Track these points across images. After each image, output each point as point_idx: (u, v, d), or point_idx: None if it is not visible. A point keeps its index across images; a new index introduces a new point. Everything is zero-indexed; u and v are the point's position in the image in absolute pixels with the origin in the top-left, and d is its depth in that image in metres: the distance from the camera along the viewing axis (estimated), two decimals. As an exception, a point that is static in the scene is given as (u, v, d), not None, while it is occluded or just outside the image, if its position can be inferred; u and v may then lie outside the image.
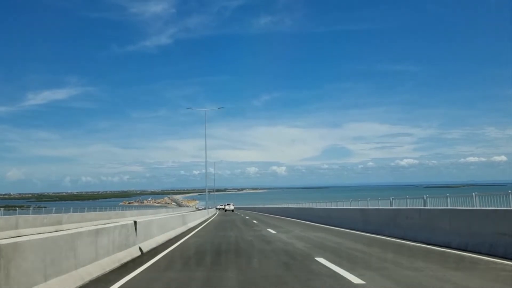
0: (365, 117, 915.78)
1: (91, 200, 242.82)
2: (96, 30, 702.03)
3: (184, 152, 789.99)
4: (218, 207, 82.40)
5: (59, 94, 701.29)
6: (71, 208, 37.99)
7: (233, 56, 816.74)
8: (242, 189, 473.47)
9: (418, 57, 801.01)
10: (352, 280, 6.17)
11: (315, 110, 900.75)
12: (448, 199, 13.67)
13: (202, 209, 72.81)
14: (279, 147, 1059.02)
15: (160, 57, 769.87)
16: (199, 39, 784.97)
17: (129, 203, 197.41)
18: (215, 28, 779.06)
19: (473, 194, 12.48)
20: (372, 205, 19.63)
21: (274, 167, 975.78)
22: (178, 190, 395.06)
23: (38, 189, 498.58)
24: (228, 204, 71.76)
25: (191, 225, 21.52)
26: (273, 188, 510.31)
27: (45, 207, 52.66)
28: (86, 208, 38.15)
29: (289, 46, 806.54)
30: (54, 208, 43.47)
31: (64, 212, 33.34)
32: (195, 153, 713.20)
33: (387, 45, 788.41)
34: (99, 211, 36.98)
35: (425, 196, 15.26)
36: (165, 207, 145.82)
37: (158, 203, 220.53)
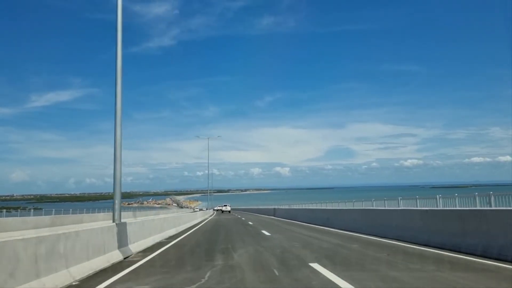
0: (369, 117, 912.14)
1: (91, 201, 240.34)
2: (99, 32, 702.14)
3: (187, 153, 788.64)
4: (215, 208, 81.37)
5: (63, 95, 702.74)
6: (53, 209, 35.39)
7: (236, 57, 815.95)
8: (245, 190, 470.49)
9: (421, 57, 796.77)
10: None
11: (318, 111, 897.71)
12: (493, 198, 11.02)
13: (200, 210, 69.37)
14: (283, 148, 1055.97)
15: (163, 59, 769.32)
16: (202, 40, 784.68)
17: (128, 204, 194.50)
18: (218, 29, 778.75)
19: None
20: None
21: (278, 168, 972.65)
22: (181, 191, 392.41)
23: (42, 190, 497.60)
24: (224, 205, 74.88)
25: None
26: (277, 189, 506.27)
27: (40, 209, 50.93)
28: (49, 210, 34.67)
29: (292, 47, 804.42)
30: (32, 210, 40.71)
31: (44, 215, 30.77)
32: (198, 154, 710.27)
33: (390, 45, 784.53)
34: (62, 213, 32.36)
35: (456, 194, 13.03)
36: (166, 208, 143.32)
37: (159, 204, 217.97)
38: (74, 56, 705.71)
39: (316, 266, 7.98)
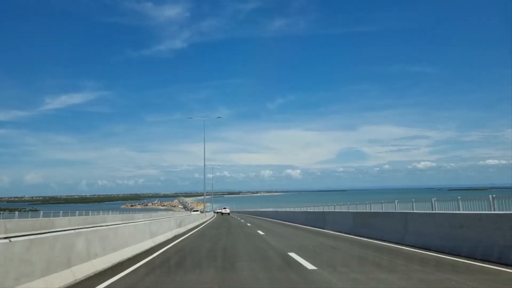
0: (381, 119, 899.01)
1: (96, 203, 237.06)
2: (112, 35, 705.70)
3: (198, 156, 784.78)
4: (216, 211, 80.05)
5: (76, 98, 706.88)
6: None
7: (247, 59, 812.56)
8: (256, 192, 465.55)
9: (434, 59, 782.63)
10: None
11: (330, 113, 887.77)
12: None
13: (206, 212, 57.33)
14: (294, 150, 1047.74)
15: (174, 61, 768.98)
16: (213, 43, 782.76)
17: (131, 205, 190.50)
18: (229, 32, 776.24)
19: None
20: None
21: (289, 170, 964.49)
22: (191, 193, 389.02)
23: (55, 192, 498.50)
24: (224, 208, 77.34)
25: None
26: (288, 191, 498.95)
27: (37, 210, 47.12)
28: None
29: (303, 49, 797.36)
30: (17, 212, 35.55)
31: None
32: (209, 156, 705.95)
33: (402, 46, 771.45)
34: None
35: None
36: (170, 210, 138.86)
37: (164, 205, 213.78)
38: (87, 59, 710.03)
39: None
